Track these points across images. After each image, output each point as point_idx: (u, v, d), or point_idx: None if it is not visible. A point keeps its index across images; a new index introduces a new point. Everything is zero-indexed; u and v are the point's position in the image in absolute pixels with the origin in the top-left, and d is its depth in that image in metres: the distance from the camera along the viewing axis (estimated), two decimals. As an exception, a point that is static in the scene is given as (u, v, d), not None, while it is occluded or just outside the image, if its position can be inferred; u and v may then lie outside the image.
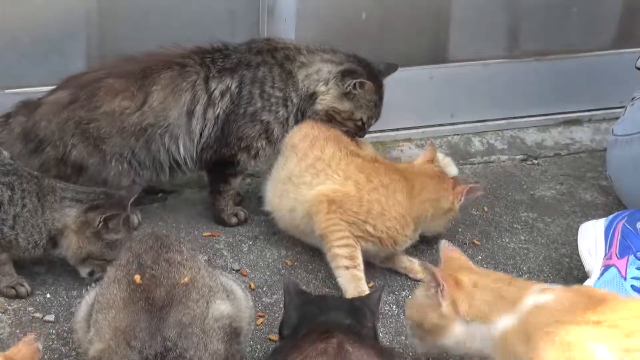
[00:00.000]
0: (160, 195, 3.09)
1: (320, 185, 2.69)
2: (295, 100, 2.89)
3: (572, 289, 2.14)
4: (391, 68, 3.02)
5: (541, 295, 2.07)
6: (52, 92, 2.83)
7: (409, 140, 3.51)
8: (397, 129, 3.48)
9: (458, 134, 3.58)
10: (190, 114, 2.81)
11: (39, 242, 2.54)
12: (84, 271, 2.59)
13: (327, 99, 2.89)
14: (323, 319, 2.04)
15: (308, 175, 2.72)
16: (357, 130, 2.95)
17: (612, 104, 3.63)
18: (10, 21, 3.03)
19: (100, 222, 2.52)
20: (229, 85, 2.83)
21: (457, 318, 2.13)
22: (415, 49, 3.51)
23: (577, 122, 3.73)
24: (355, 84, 2.87)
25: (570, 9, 3.63)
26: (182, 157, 2.83)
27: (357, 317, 2.09)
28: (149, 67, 2.81)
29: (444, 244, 2.30)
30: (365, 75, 2.90)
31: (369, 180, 2.69)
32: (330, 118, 2.91)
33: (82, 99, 2.77)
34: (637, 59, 3.10)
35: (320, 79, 2.89)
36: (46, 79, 2.91)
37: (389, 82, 2.99)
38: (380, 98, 2.95)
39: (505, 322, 2.06)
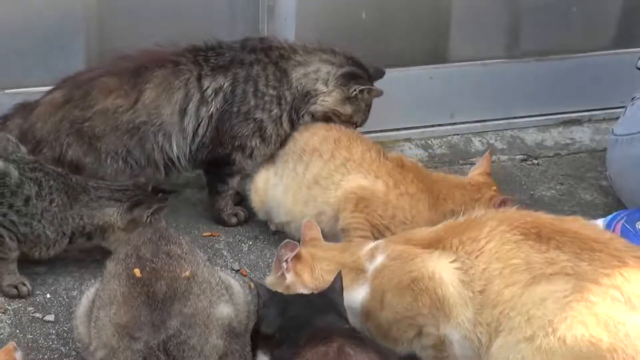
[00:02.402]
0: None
1: (350, 181, 2.68)
2: (288, 99, 2.88)
3: (396, 237, 2.36)
4: (379, 73, 3.02)
5: (375, 261, 2.26)
6: (48, 93, 2.83)
7: (409, 140, 3.51)
8: (397, 129, 3.48)
9: (458, 134, 3.58)
10: (182, 112, 2.81)
11: (66, 232, 2.57)
12: None
13: (329, 100, 2.89)
14: (322, 324, 2.03)
15: (338, 175, 2.71)
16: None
17: (612, 104, 3.63)
18: (10, 21, 3.03)
19: (148, 217, 2.59)
20: (222, 84, 2.83)
21: (302, 288, 2.29)
22: (415, 49, 3.51)
23: (577, 122, 3.73)
24: (363, 90, 2.88)
25: (570, 9, 3.63)
26: (175, 155, 2.83)
27: (338, 311, 2.11)
28: (143, 65, 2.81)
29: (305, 222, 2.49)
30: (366, 80, 2.91)
31: (397, 186, 2.69)
32: (327, 119, 2.91)
33: (76, 98, 2.77)
34: (639, 60, 3.10)
35: (319, 78, 2.89)
36: (46, 79, 2.90)
37: (389, 82, 2.99)
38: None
39: (360, 294, 2.25)
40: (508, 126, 3.65)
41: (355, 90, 2.88)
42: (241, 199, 3.05)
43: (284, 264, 2.31)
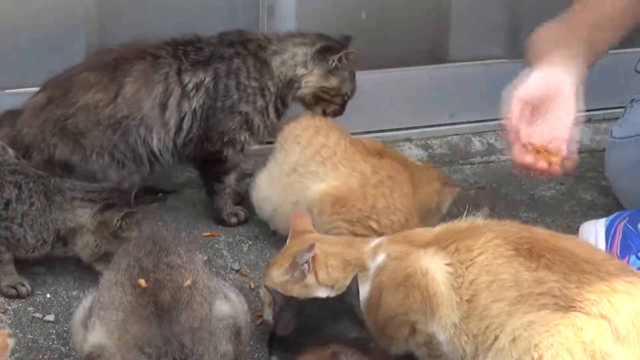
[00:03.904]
0: (160, 195, 3.09)
1: (324, 180, 2.68)
2: (272, 89, 2.89)
3: (397, 236, 2.34)
4: (347, 40, 3.01)
5: (377, 259, 2.27)
6: (32, 97, 2.84)
7: (409, 140, 3.51)
8: (397, 129, 3.48)
9: (458, 134, 3.58)
10: (163, 106, 2.80)
11: (47, 239, 2.55)
12: (99, 267, 2.58)
13: (312, 80, 2.91)
14: (330, 331, 2.03)
15: (314, 164, 2.72)
16: (342, 107, 2.98)
17: (612, 104, 3.63)
18: (10, 21, 3.03)
19: (118, 221, 2.54)
20: (203, 79, 2.83)
21: (319, 286, 2.28)
22: (415, 49, 3.51)
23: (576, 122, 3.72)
24: (341, 57, 2.90)
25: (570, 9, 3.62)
26: (157, 149, 2.83)
27: (354, 315, 2.10)
28: (122, 57, 2.81)
29: (294, 214, 2.51)
30: (341, 48, 2.93)
31: (375, 171, 2.69)
32: (317, 99, 2.94)
33: (57, 97, 2.77)
34: (638, 62, 3.09)
35: (297, 62, 2.91)
36: (46, 79, 2.90)
37: (390, 82, 2.99)
38: None
39: (362, 293, 2.21)
40: (508, 126, 3.64)
41: (334, 60, 2.90)
42: (241, 199, 3.05)
43: (305, 266, 2.29)
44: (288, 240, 2.47)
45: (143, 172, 2.87)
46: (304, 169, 2.73)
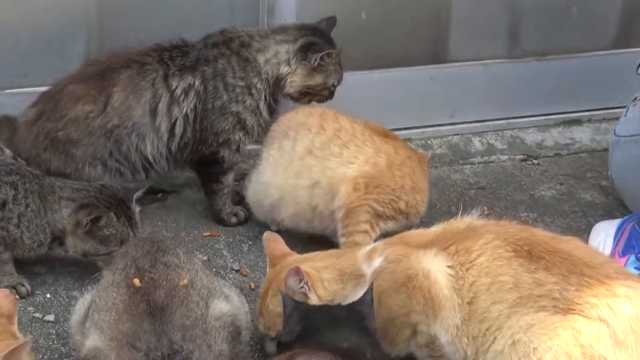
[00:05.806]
0: (160, 195, 3.09)
1: (354, 162, 2.69)
2: (259, 87, 2.89)
3: (394, 239, 2.33)
4: (331, 21, 3.03)
5: (373, 263, 2.25)
6: (24, 112, 2.85)
7: (409, 140, 3.50)
8: (397, 129, 3.47)
9: (458, 134, 3.58)
10: (153, 112, 2.81)
11: (44, 241, 2.55)
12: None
13: (296, 79, 2.92)
14: (321, 340, 2.03)
15: (335, 147, 2.72)
16: (329, 96, 3.00)
17: (612, 104, 3.63)
18: (10, 21, 3.03)
19: (87, 223, 2.53)
20: (192, 82, 2.84)
21: (322, 303, 2.25)
22: (415, 49, 3.51)
23: (577, 122, 3.73)
24: (322, 56, 2.90)
25: (570, 9, 3.63)
26: (151, 155, 2.83)
27: (361, 324, 2.10)
28: (108, 67, 2.82)
29: (266, 236, 2.45)
30: (323, 43, 2.93)
31: (397, 152, 2.72)
32: (304, 95, 2.96)
33: (47, 110, 2.79)
34: (639, 66, 3.08)
35: (281, 61, 2.91)
36: (46, 79, 2.91)
37: (389, 82, 2.99)
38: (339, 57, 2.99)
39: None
40: (508, 126, 3.65)
41: (315, 59, 2.90)
42: (241, 199, 3.06)
43: (305, 287, 2.27)
44: (268, 269, 2.44)
45: (138, 179, 2.87)
46: (322, 152, 2.72)
